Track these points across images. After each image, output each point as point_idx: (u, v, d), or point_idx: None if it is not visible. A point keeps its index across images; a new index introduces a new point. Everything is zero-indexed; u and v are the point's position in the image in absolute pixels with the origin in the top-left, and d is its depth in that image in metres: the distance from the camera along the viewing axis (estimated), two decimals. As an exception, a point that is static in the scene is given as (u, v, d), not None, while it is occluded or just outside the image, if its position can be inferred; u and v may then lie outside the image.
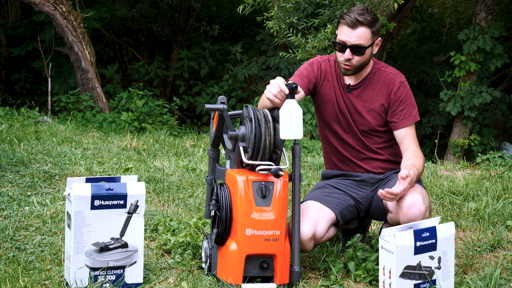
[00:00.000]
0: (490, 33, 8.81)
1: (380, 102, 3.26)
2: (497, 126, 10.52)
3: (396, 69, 3.33)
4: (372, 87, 3.28)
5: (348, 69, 3.21)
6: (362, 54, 3.16)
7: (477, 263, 3.39)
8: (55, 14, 8.65)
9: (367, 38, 3.15)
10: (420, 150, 3.25)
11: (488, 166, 5.48)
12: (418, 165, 3.13)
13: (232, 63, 11.55)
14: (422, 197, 3.07)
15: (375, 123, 3.29)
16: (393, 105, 3.26)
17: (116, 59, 12.28)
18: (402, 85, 3.26)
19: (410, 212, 3.03)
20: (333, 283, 3.10)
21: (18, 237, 3.52)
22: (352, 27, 3.13)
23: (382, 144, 3.34)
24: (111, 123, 8.30)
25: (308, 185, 4.87)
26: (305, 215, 3.16)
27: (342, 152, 3.38)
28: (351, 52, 3.16)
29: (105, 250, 2.89)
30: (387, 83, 3.27)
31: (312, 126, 8.35)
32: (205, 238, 3.17)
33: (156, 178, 4.76)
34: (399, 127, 3.25)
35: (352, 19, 3.12)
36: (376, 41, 3.22)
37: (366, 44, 3.15)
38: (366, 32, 3.14)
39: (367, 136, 3.33)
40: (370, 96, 3.28)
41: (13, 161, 4.84)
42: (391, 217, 3.13)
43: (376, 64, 3.32)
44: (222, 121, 3.10)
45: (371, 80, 3.28)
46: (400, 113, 3.25)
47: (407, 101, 3.25)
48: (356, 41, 3.14)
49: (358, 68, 3.22)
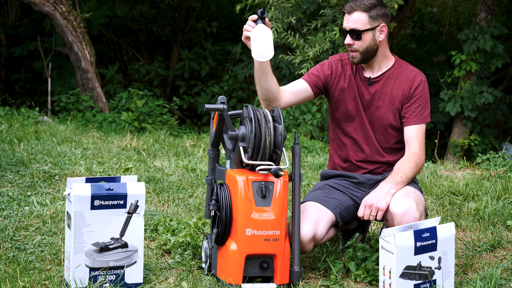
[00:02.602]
0: (490, 32, 8.81)
1: (399, 97, 3.29)
2: (497, 126, 10.51)
3: (418, 69, 3.37)
4: (393, 81, 3.31)
5: (353, 56, 3.27)
6: (359, 39, 3.22)
7: (477, 263, 3.39)
8: (55, 14, 8.65)
9: (363, 22, 3.21)
10: (420, 152, 3.24)
11: (488, 166, 5.48)
12: (404, 169, 3.17)
13: (232, 63, 11.55)
14: (416, 203, 3.07)
15: (392, 117, 3.30)
16: (410, 100, 3.28)
17: (116, 59, 12.28)
18: (423, 83, 3.30)
19: (404, 219, 3.04)
20: (333, 283, 3.10)
21: (18, 237, 3.51)
22: (349, 13, 3.24)
23: (395, 145, 3.34)
24: (111, 123, 8.30)
25: (308, 185, 4.87)
26: (305, 216, 3.16)
27: (347, 152, 3.39)
28: (350, 37, 3.23)
29: (105, 250, 2.89)
30: (409, 79, 3.30)
31: (313, 126, 8.34)
32: (205, 238, 3.17)
33: (156, 178, 4.76)
34: (409, 123, 3.27)
35: (348, 6, 3.24)
36: (379, 27, 3.24)
37: (362, 28, 3.21)
38: (361, 16, 3.21)
39: (382, 134, 3.33)
40: (390, 90, 3.30)
41: (13, 161, 4.84)
42: (387, 224, 3.15)
43: (398, 61, 3.36)
44: (222, 121, 3.10)
45: (392, 74, 3.32)
46: (414, 110, 3.27)
47: (423, 100, 3.28)
48: (351, 25, 3.22)
49: (363, 54, 3.25)
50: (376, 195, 3.10)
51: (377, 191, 3.12)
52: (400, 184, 3.14)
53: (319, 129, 8.43)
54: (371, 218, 3.10)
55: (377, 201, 3.08)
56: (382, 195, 3.09)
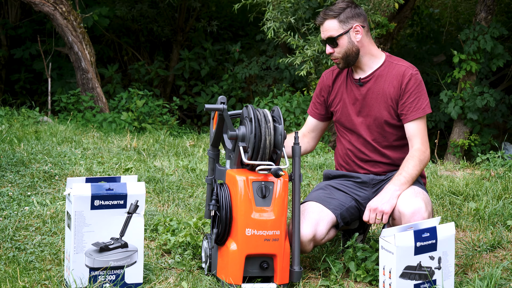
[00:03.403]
0: (490, 32, 8.81)
1: (392, 94, 3.28)
2: (497, 126, 10.51)
3: (410, 63, 3.34)
4: (383, 79, 3.30)
5: (336, 62, 3.33)
6: (336, 45, 3.27)
7: (477, 263, 3.39)
8: (55, 14, 8.65)
9: (335, 28, 3.26)
10: (423, 147, 3.22)
11: (488, 166, 5.48)
12: (407, 168, 3.17)
13: (232, 63, 11.55)
14: (425, 203, 3.07)
15: (387, 115, 3.29)
16: (403, 96, 3.26)
17: (116, 59, 12.28)
18: (413, 77, 3.26)
19: (413, 219, 3.03)
20: (333, 283, 3.10)
21: (18, 237, 3.51)
22: (321, 24, 3.31)
23: (395, 142, 3.33)
24: (111, 123, 8.30)
25: (308, 185, 4.87)
26: (305, 216, 3.16)
27: (348, 153, 3.39)
28: (329, 45, 3.29)
29: (105, 250, 2.89)
30: (398, 75, 3.28)
31: (312, 126, 8.33)
32: (205, 238, 3.17)
33: (156, 178, 4.76)
34: (408, 119, 3.25)
35: (319, 17, 3.32)
36: (353, 29, 3.26)
37: (335, 34, 3.25)
38: (331, 23, 3.26)
39: (379, 133, 3.32)
40: (381, 88, 3.29)
41: (13, 161, 4.84)
42: (394, 223, 3.13)
43: (389, 57, 3.35)
44: (222, 121, 3.10)
45: (382, 72, 3.31)
46: (409, 105, 3.25)
47: (417, 93, 3.25)
48: (326, 35, 3.29)
49: (345, 59, 3.29)
50: (380, 199, 3.10)
51: (382, 195, 3.11)
52: (404, 185, 3.13)
53: (319, 129, 8.41)
54: (377, 222, 3.09)
55: (381, 205, 3.08)
56: (387, 198, 3.09)
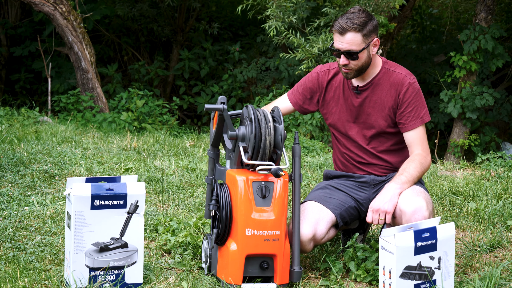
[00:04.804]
0: (490, 33, 8.81)
1: (389, 103, 3.24)
2: (497, 125, 10.51)
3: (407, 70, 3.30)
4: (381, 88, 3.26)
5: (347, 73, 3.21)
6: (356, 59, 3.15)
7: (477, 263, 3.39)
8: (55, 14, 8.65)
9: (358, 42, 3.13)
10: (425, 152, 3.22)
11: (488, 166, 5.48)
12: (409, 169, 3.15)
13: (232, 63, 11.55)
14: (426, 202, 3.07)
15: (384, 124, 3.27)
16: (401, 106, 3.23)
17: (116, 59, 12.28)
18: (411, 87, 3.22)
19: (414, 218, 3.03)
20: (333, 283, 3.10)
21: (18, 237, 3.51)
22: (341, 34, 3.13)
23: (392, 146, 3.32)
24: (111, 123, 8.29)
25: (308, 185, 4.87)
26: (305, 216, 3.16)
27: (345, 156, 3.38)
28: (346, 57, 3.16)
29: (105, 250, 2.89)
30: (396, 84, 3.24)
31: (312, 126, 8.34)
32: (205, 238, 3.17)
33: (156, 178, 4.76)
34: (407, 129, 3.23)
35: (340, 26, 3.12)
36: (373, 42, 3.18)
37: (357, 49, 3.13)
38: (355, 37, 3.12)
39: (375, 139, 3.31)
40: (379, 97, 3.26)
41: (13, 161, 4.84)
42: (395, 222, 3.13)
43: (386, 64, 3.29)
44: (222, 121, 3.10)
45: (380, 81, 3.26)
46: (408, 114, 3.22)
47: (415, 103, 3.22)
48: (347, 47, 3.13)
49: (358, 71, 3.20)
50: (382, 198, 3.09)
51: (383, 194, 3.10)
52: (406, 184, 3.12)
53: (319, 129, 8.43)
54: (380, 222, 3.08)
55: (383, 205, 3.07)
56: (388, 197, 3.08)
